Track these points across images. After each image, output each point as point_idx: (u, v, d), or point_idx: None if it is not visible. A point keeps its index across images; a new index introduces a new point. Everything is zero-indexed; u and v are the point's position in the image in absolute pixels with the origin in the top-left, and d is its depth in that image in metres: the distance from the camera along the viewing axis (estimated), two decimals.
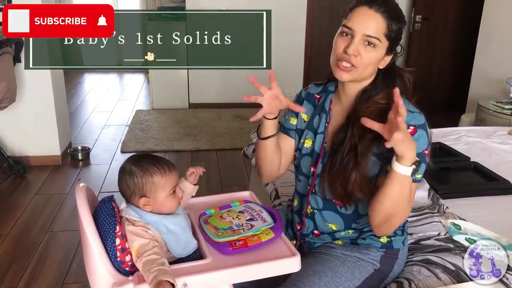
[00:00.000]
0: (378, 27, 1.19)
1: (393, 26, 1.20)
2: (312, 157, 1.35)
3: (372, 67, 1.23)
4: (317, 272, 1.27)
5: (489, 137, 2.65)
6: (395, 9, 1.21)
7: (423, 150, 1.17)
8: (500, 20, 3.89)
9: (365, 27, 1.19)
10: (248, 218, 1.26)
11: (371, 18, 1.19)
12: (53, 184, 3.27)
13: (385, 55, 1.23)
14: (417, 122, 1.18)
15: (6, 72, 2.99)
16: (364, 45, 1.20)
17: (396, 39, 1.23)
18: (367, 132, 1.17)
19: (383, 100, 1.22)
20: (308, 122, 1.39)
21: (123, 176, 1.18)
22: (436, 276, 1.33)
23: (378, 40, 1.19)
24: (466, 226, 1.60)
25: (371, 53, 1.20)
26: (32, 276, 2.27)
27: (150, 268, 1.04)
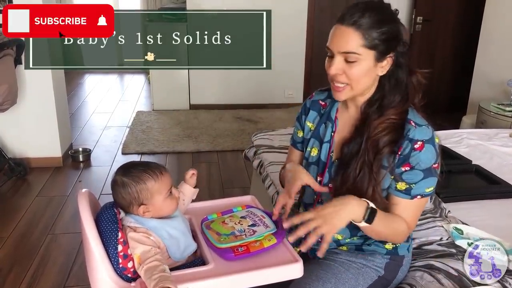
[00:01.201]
0: (352, 41, 1.15)
1: (372, 33, 1.14)
2: (318, 166, 1.34)
3: (366, 79, 1.20)
4: (320, 278, 1.26)
5: (490, 139, 2.64)
6: (371, 15, 1.15)
7: (432, 165, 1.18)
8: (501, 22, 3.89)
9: (340, 45, 1.17)
10: (251, 223, 1.26)
11: (343, 34, 1.16)
12: (54, 186, 3.27)
13: (377, 62, 1.18)
14: (424, 137, 1.18)
15: (7, 74, 2.99)
16: (346, 62, 1.17)
17: (383, 44, 1.17)
18: (382, 148, 1.18)
19: (396, 116, 1.21)
20: (313, 131, 1.38)
21: (117, 189, 1.17)
22: (439, 281, 1.32)
23: (356, 54, 1.15)
24: (469, 230, 1.60)
25: (354, 68, 1.17)
26: (34, 279, 2.27)
27: (151, 275, 1.03)
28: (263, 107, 5.11)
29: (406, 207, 1.22)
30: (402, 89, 1.22)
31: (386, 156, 1.19)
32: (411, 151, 1.17)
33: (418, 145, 1.16)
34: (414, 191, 1.20)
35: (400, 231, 1.22)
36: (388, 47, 1.18)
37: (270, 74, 5.08)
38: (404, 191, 1.21)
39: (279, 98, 5.13)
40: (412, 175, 1.19)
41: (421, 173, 1.18)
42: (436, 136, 1.21)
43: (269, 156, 2.28)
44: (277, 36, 5.02)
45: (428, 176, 1.18)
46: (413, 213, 1.23)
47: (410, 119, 1.20)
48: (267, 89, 5.14)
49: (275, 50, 5.55)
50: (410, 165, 1.18)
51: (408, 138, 1.18)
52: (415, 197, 1.20)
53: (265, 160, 2.26)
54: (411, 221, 1.23)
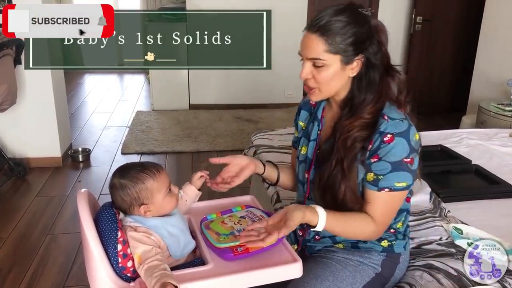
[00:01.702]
0: (317, 48, 1.18)
1: (337, 38, 1.16)
2: (306, 163, 1.37)
3: (335, 82, 1.22)
4: (318, 276, 1.27)
5: (490, 139, 2.64)
6: (337, 21, 1.16)
7: (402, 158, 1.17)
8: (501, 22, 3.89)
9: (307, 51, 1.20)
10: (250, 223, 1.26)
11: (309, 41, 1.19)
12: (54, 186, 3.27)
13: (345, 65, 1.19)
14: (395, 130, 1.17)
15: (6, 74, 2.99)
16: (315, 67, 1.20)
17: (350, 47, 1.17)
18: (352, 147, 1.20)
19: (369, 115, 1.21)
20: (304, 130, 1.43)
21: (116, 192, 1.17)
22: (438, 281, 1.33)
23: (321, 59, 1.18)
24: (468, 230, 1.60)
25: (323, 73, 1.20)
26: (33, 279, 2.27)
27: (152, 274, 1.03)
28: (263, 107, 5.11)
29: (373, 199, 1.21)
30: (374, 89, 1.23)
31: (359, 152, 1.21)
32: (380, 143, 1.18)
33: (387, 137, 1.17)
34: (381, 183, 1.19)
35: (364, 230, 1.22)
36: (356, 50, 1.19)
37: (270, 74, 5.08)
38: (372, 182, 1.20)
39: (279, 98, 5.13)
40: (379, 166, 1.19)
41: (389, 165, 1.17)
42: (416, 133, 1.20)
43: (269, 156, 2.28)
44: (277, 36, 5.02)
45: (398, 169, 1.17)
46: (381, 208, 1.21)
47: (385, 114, 1.20)
48: (267, 89, 5.14)
49: (275, 50, 5.54)
50: (378, 156, 1.19)
51: (378, 132, 1.18)
52: (382, 189, 1.19)
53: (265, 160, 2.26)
54: (378, 216, 1.21)
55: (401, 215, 1.32)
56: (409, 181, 1.20)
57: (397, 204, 1.25)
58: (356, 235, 1.25)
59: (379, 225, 1.22)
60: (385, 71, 1.23)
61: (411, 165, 1.19)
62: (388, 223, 1.26)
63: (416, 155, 1.20)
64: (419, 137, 1.21)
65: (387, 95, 1.23)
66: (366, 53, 1.20)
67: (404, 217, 1.33)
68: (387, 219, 1.25)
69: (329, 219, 1.16)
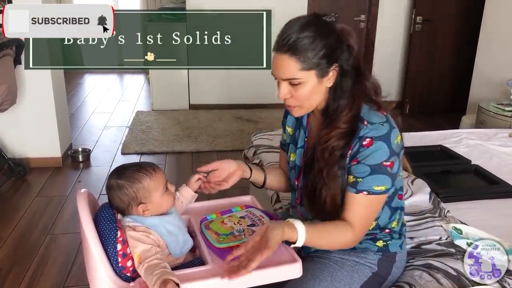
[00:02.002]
0: (290, 68, 1.16)
1: (308, 54, 1.14)
2: (295, 170, 1.38)
3: (315, 96, 1.21)
4: (316, 276, 1.27)
5: (490, 139, 2.64)
6: (305, 37, 1.14)
7: (381, 162, 1.16)
8: (501, 22, 3.89)
9: (280, 72, 1.18)
10: (249, 223, 1.26)
11: (281, 61, 1.17)
12: (54, 186, 3.27)
13: (322, 77, 1.18)
14: (375, 134, 1.16)
15: (6, 74, 2.99)
16: (292, 86, 1.19)
17: (322, 60, 1.16)
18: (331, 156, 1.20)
19: (345, 124, 1.20)
20: (291, 136, 1.43)
21: (113, 192, 1.17)
22: (438, 281, 1.32)
23: (297, 78, 1.16)
24: (468, 230, 1.60)
25: (300, 90, 1.18)
26: (33, 279, 2.27)
27: (153, 272, 1.04)
28: (263, 107, 5.11)
29: (352, 202, 1.20)
30: (347, 95, 1.22)
31: (338, 160, 1.20)
32: (360, 147, 1.17)
33: (366, 141, 1.16)
34: (360, 185, 1.18)
35: (342, 240, 1.20)
36: (329, 61, 1.17)
37: (270, 74, 5.08)
38: (351, 184, 1.20)
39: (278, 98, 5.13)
40: (358, 169, 1.18)
41: (367, 168, 1.17)
42: (398, 136, 1.19)
43: (269, 156, 2.29)
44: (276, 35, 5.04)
45: (377, 173, 1.16)
46: (359, 211, 1.19)
47: (364, 119, 1.19)
48: (267, 89, 5.13)
49: None
50: (357, 160, 1.18)
51: (358, 137, 1.18)
52: (360, 191, 1.18)
53: (265, 160, 2.26)
54: (356, 221, 1.19)
55: (395, 214, 1.32)
56: (388, 185, 1.19)
57: (376, 208, 1.23)
58: (334, 246, 1.23)
59: (356, 232, 1.20)
60: (356, 75, 1.23)
61: (390, 169, 1.18)
62: (365, 228, 1.23)
63: (397, 158, 1.19)
64: (401, 138, 1.20)
65: (361, 99, 1.21)
66: (339, 62, 1.19)
67: (398, 215, 1.33)
68: (365, 224, 1.22)
69: (308, 234, 1.13)
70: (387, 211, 1.30)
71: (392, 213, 1.31)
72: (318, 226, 1.20)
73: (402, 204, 1.34)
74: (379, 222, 1.30)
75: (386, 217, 1.30)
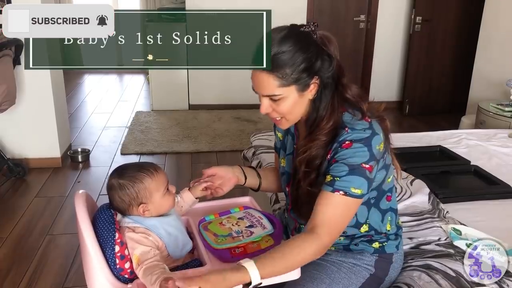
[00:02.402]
0: (269, 85, 1.14)
1: (286, 70, 1.12)
2: (285, 176, 1.39)
3: (297, 108, 1.19)
4: (314, 279, 1.27)
5: (489, 140, 2.64)
6: (282, 53, 1.12)
7: (360, 163, 1.13)
8: (500, 22, 3.89)
9: (260, 89, 1.17)
10: (248, 225, 1.26)
11: (259, 79, 1.15)
12: (53, 187, 3.27)
13: (302, 91, 1.16)
14: (355, 138, 1.14)
15: (6, 74, 2.99)
16: (273, 101, 1.17)
17: (302, 74, 1.14)
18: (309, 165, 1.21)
19: (324, 137, 1.19)
20: (282, 141, 1.43)
21: (115, 193, 1.17)
22: (437, 282, 1.32)
23: (276, 95, 1.15)
24: (467, 231, 1.59)
25: (281, 104, 1.17)
26: (32, 280, 2.27)
27: (152, 272, 1.04)
28: None
29: (324, 202, 1.14)
30: (326, 107, 1.19)
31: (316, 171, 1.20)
32: (338, 149, 1.16)
33: (345, 143, 1.15)
34: (337, 184, 1.13)
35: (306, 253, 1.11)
36: (310, 74, 1.15)
37: None
38: (328, 183, 1.15)
39: None
40: (336, 168, 1.15)
41: (346, 167, 1.13)
42: (381, 143, 1.16)
43: (268, 156, 2.28)
44: None
45: (355, 173, 1.13)
46: (331, 212, 1.13)
47: (346, 126, 1.16)
48: None
49: None
50: (335, 160, 1.16)
51: (338, 142, 1.16)
52: (336, 190, 1.13)
53: (264, 161, 2.26)
54: (326, 224, 1.13)
55: (387, 216, 1.31)
56: (364, 190, 1.15)
57: (348, 214, 1.17)
58: (300, 262, 1.13)
59: (323, 238, 1.12)
60: (336, 86, 1.20)
61: (369, 173, 1.15)
62: (334, 235, 1.15)
63: (376, 164, 1.16)
64: (383, 146, 1.18)
65: (339, 110, 1.19)
66: (319, 73, 1.16)
67: (390, 217, 1.32)
68: (334, 228, 1.15)
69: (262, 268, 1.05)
70: (377, 213, 1.29)
71: (383, 215, 1.30)
72: (270, 252, 1.10)
73: (392, 205, 1.32)
74: (372, 224, 1.29)
75: (377, 219, 1.30)
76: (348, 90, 1.20)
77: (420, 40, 4.85)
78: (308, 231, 1.14)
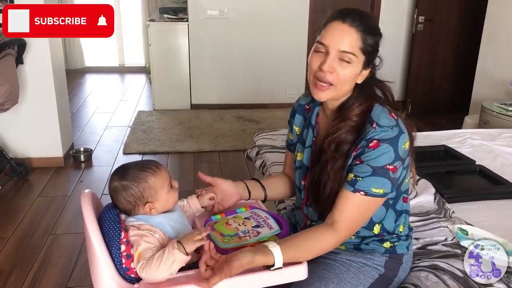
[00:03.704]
0: (353, 42, 1.16)
1: (369, 40, 1.17)
2: (302, 170, 1.37)
3: (350, 83, 1.21)
4: (322, 278, 1.26)
5: (494, 139, 2.63)
6: (370, 23, 1.19)
7: (384, 164, 1.15)
8: (503, 21, 3.88)
9: (339, 43, 1.16)
10: (254, 224, 1.25)
11: (345, 33, 1.15)
12: (56, 186, 3.26)
13: (362, 69, 1.20)
14: (382, 137, 1.15)
15: (8, 74, 2.98)
16: (340, 62, 1.17)
17: (373, 53, 1.20)
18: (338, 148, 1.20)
19: (356, 117, 1.20)
20: (299, 135, 1.41)
21: (119, 194, 1.16)
22: (444, 282, 1.31)
23: (354, 55, 1.16)
24: (473, 231, 1.59)
25: (347, 69, 1.17)
26: (35, 280, 2.26)
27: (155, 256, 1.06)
28: (265, 107, 5.10)
29: (344, 200, 1.17)
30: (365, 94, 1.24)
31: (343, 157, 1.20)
32: (365, 148, 1.16)
33: (373, 143, 1.15)
34: (358, 184, 1.15)
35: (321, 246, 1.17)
36: (373, 57, 1.22)
37: (271, 73, 5.07)
38: (350, 182, 1.17)
39: (280, 98, 5.12)
40: (360, 168, 1.16)
41: (370, 169, 1.15)
42: (407, 142, 1.18)
43: (272, 156, 2.27)
44: (278, 35, 5.03)
45: (378, 175, 1.15)
46: (350, 211, 1.17)
47: (374, 121, 1.18)
48: (269, 89, 5.13)
49: (277, 50, 5.56)
50: (361, 160, 1.17)
51: (365, 139, 1.17)
52: (358, 191, 1.15)
53: (268, 160, 2.25)
54: (344, 221, 1.16)
55: (401, 218, 1.31)
56: (387, 189, 1.17)
57: (368, 212, 1.20)
58: (318, 252, 1.18)
59: (341, 233, 1.17)
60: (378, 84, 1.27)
61: (393, 173, 1.16)
62: (351, 231, 1.20)
63: (401, 163, 1.18)
64: (408, 145, 1.19)
65: (375, 99, 1.23)
66: (375, 62, 1.23)
67: (404, 219, 1.32)
68: (353, 225, 1.19)
69: (285, 252, 1.10)
70: (392, 214, 1.29)
71: (397, 216, 1.30)
72: (293, 238, 1.16)
73: (407, 207, 1.33)
74: (385, 225, 1.29)
75: (391, 220, 1.29)
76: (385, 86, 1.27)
77: (423, 40, 4.84)
78: (327, 224, 1.18)
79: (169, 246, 1.06)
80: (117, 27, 6.24)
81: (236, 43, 4.93)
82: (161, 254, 1.06)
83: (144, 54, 6.72)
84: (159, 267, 1.04)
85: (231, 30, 4.88)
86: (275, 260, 1.09)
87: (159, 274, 1.05)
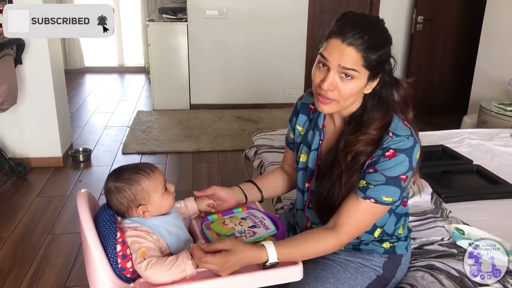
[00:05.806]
0: (353, 60, 1.11)
1: (371, 55, 1.11)
2: (306, 172, 1.35)
3: (354, 97, 1.18)
4: (319, 278, 1.26)
5: (491, 139, 2.63)
6: (373, 38, 1.11)
7: (399, 175, 1.14)
8: (502, 21, 3.88)
9: (340, 59, 1.11)
10: (251, 225, 1.26)
11: (345, 51, 1.11)
12: (55, 186, 3.27)
13: (368, 81, 1.16)
14: (399, 147, 1.14)
15: (7, 74, 2.99)
16: (341, 77, 1.13)
17: (378, 65, 1.15)
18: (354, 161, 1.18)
19: (375, 131, 1.18)
20: (303, 136, 1.38)
21: (112, 196, 1.16)
22: (440, 282, 1.32)
23: (356, 71, 1.12)
24: (470, 231, 1.59)
25: (349, 85, 1.13)
26: (33, 279, 2.26)
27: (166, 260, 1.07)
28: (264, 107, 5.10)
29: (352, 206, 1.17)
30: (384, 107, 1.20)
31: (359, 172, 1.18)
32: (380, 157, 1.15)
33: (389, 153, 1.14)
34: (370, 192, 1.15)
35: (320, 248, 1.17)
36: (379, 69, 1.16)
37: (270, 73, 5.07)
38: (361, 189, 1.17)
39: (279, 98, 5.13)
40: (374, 177, 1.16)
41: (383, 177, 1.14)
42: (419, 151, 1.18)
43: (270, 156, 2.28)
44: (278, 35, 5.03)
45: (391, 184, 1.15)
46: (357, 217, 1.17)
47: (390, 130, 1.17)
48: (268, 89, 5.13)
49: (276, 50, 5.57)
50: (375, 168, 1.16)
51: (381, 148, 1.15)
52: (368, 198, 1.16)
53: (266, 160, 2.26)
54: (349, 226, 1.17)
55: (400, 221, 1.31)
56: (396, 198, 1.17)
57: (374, 219, 1.21)
58: (316, 253, 1.18)
59: (343, 236, 1.17)
60: (396, 86, 1.21)
61: (404, 182, 1.16)
62: (354, 235, 1.20)
63: (412, 173, 1.18)
64: (419, 155, 1.19)
65: (395, 110, 1.20)
66: (384, 71, 1.18)
67: (403, 221, 1.33)
68: (357, 230, 1.19)
69: (281, 249, 1.11)
70: (393, 218, 1.29)
71: (397, 219, 1.30)
72: (292, 237, 1.18)
73: (406, 210, 1.33)
74: (385, 229, 1.29)
75: (392, 223, 1.30)
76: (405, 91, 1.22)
77: (422, 40, 4.84)
78: (330, 227, 1.18)
79: (184, 256, 1.07)
80: (117, 27, 6.26)
81: (235, 43, 4.94)
82: (174, 259, 1.07)
83: (143, 54, 6.73)
84: (170, 270, 1.05)
85: (230, 30, 4.89)
86: (268, 254, 1.09)
87: (165, 276, 1.05)
